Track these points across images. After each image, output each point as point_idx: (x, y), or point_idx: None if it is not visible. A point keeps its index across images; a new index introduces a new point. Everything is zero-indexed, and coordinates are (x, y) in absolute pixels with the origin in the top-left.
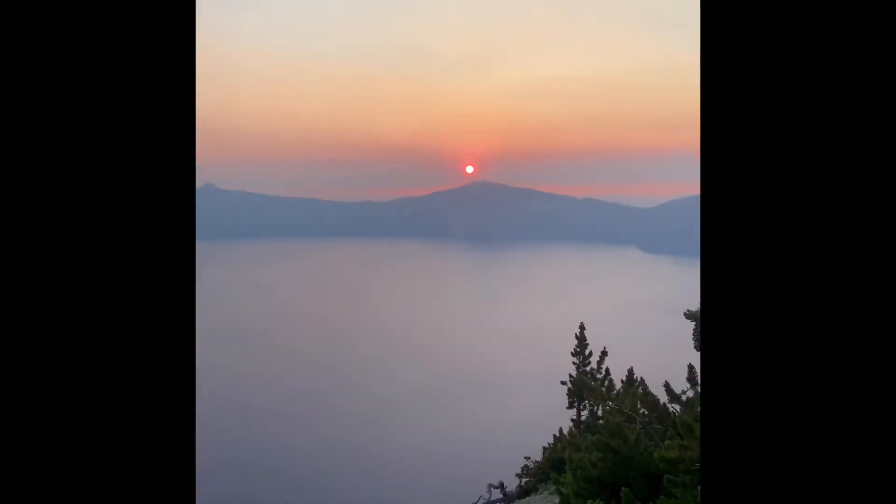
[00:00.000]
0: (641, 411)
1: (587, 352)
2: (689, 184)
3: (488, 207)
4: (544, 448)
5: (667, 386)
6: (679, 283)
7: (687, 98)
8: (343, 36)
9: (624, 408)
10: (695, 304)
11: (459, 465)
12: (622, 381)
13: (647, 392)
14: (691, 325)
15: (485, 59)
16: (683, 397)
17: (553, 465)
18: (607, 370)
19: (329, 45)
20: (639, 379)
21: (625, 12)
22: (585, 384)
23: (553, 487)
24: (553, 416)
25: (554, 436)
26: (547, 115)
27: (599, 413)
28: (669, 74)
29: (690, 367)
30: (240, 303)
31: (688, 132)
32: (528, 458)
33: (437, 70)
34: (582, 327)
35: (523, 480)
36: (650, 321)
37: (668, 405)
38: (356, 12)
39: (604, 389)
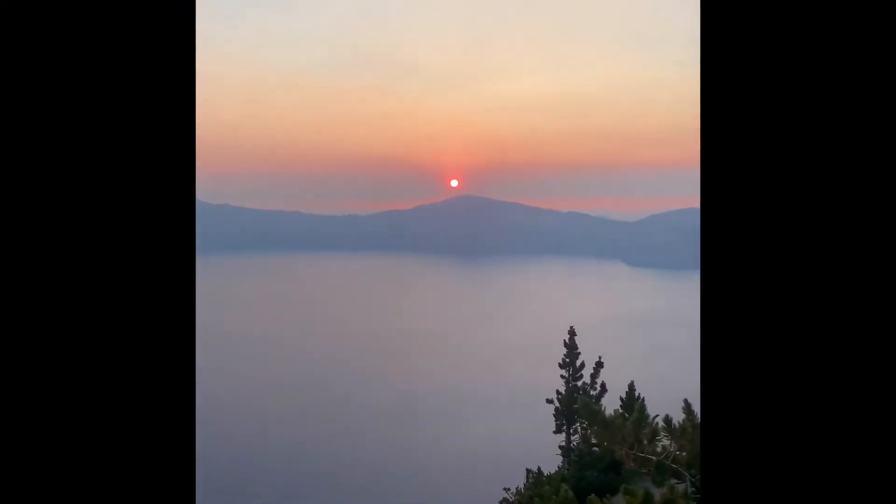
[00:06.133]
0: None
1: (578, 363)
2: (672, 198)
3: (472, 221)
4: (528, 471)
5: None
6: (665, 298)
7: (670, 113)
8: (326, 48)
9: (662, 456)
10: (681, 318)
11: (436, 489)
12: (621, 399)
13: (694, 424)
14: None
15: (468, 74)
16: None
17: None
18: (603, 385)
19: (312, 57)
20: (640, 396)
21: (610, 29)
22: (595, 414)
23: None
24: (536, 434)
25: (538, 468)
26: (531, 129)
27: (594, 441)
28: (653, 90)
29: None
30: (226, 317)
31: (670, 147)
32: (508, 489)
33: (421, 83)
34: (572, 332)
35: None
36: (639, 337)
37: None
38: (340, 24)
39: (627, 424)
